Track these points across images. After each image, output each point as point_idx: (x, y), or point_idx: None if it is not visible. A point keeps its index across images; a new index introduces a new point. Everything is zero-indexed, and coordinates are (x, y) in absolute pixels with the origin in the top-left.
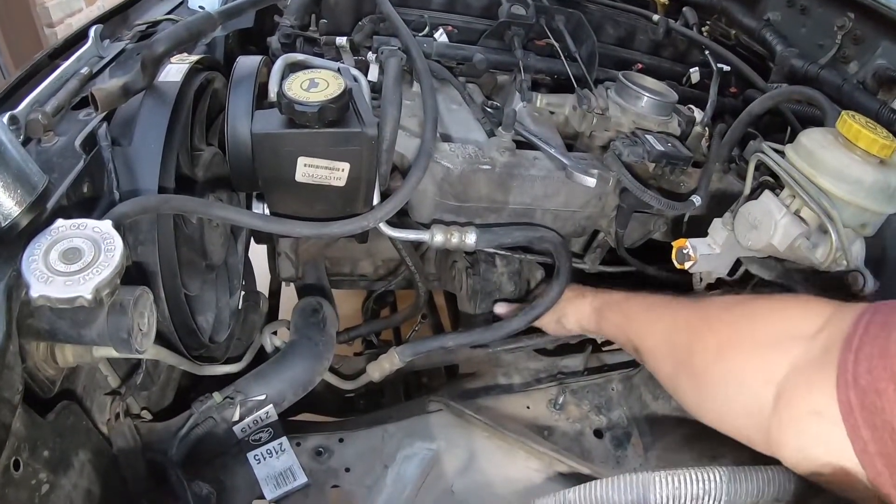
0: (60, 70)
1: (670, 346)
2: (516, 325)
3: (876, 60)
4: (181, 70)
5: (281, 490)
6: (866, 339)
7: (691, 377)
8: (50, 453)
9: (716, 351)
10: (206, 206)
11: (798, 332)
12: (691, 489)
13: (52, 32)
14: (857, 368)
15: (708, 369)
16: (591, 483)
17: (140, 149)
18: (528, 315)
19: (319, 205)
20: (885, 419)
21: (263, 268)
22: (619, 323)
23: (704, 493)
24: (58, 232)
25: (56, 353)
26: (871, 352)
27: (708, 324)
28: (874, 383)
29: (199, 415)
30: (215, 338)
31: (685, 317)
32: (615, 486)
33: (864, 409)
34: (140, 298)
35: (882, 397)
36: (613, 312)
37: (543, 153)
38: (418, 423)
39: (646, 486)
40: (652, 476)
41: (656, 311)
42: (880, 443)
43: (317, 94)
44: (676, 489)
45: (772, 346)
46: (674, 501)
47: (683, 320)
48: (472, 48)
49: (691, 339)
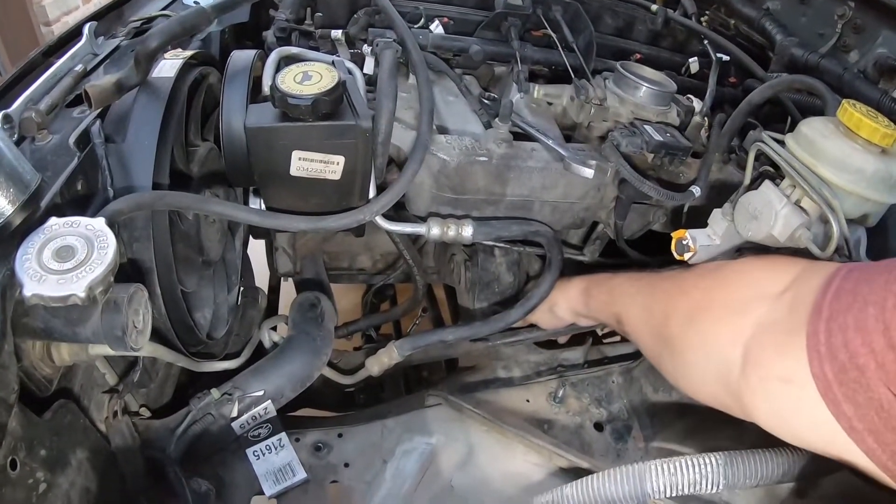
0: (54, 68)
1: (648, 315)
2: (513, 317)
3: (876, 49)
4: (175, 65)
5: (280, 486)
6: (838, 308)
7: (667, 344)
8: (47, 452)
9: (687, 315)
10: (202, 202)
11: (763, 292)
12: (688, 476)
13: (49, 30)
14: (832, 341)
15: (681, 335)
16: (588, 477)
17: (134, 145)
18: (524, 306)
19: (315, 199)
20: (869, 396)
21: (262, 263)
22: (606, 300)
23: (702, 477)
24: (51, 230)
25: (52, 351)
26: (845, 323)
27: (682, 289)
28: (853, 359)
29: (198, 411)
30: (213, 334)
31: (662, 286)
32: (612, 478)
33: (844, 384)
34: (134, 296)
35: (865, 373)
36: (600, 290)
37: (541, 144)
38: (417, 418)
39: (642, 476)
40: (648, 465)
41: (637, 283)
42: (866, 420)
43: (310, 87)
44: (673, 476)
45: (738, 307)
46: (671, 489)
47: (661, 289)
48: (469, 39)
49: (666, 306)
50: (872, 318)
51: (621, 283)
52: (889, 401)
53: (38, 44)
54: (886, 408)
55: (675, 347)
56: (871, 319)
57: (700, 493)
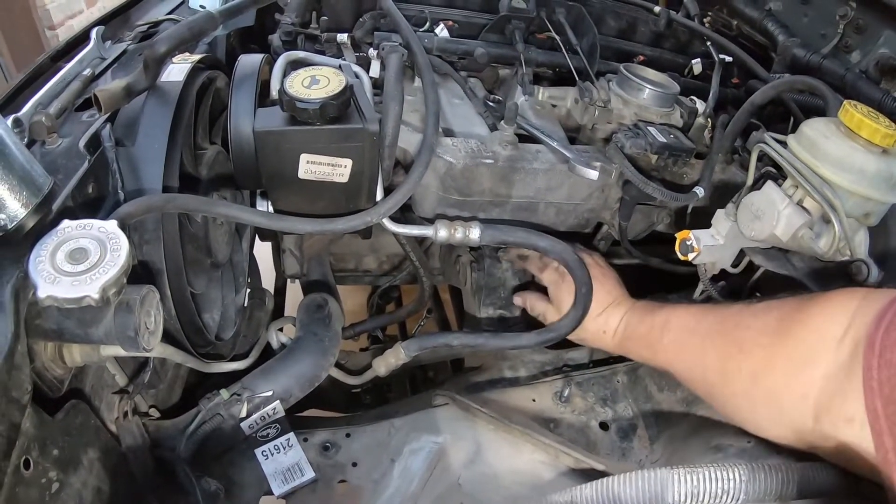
0: (63, 72)
1: (702, 373)
2: (524, 342)
3: (878, 49)
4: (183, 69)
5: (289, 485)
6: (888, 343)
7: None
8: (59, 452)
9: (751, 376)
10: (211, 205)
11: (826, 338)
12: (710, 487)
13: (54, 35)
14: (881, 375)
15: (745, 393)
16: (607, 479)
17: (144, 148)
18: (541, 336)
19: (323, 201)
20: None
21: (269, 265)
22: (646, 356)
23: (723, 492)
24: (64, 233)
25: (64, 352)
26: (891, 358)
27: (740, 346)
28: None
29: (207, 412)
30: (221, 335)
31: (714, 342)
32: (633, 482)
33: (889, 417)
34: (146, 297)
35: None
36: (638, 346)
37: (546, 146)
38: (424, 417)
39: (664, 483)
40: (670, 473)
41: (682, 336)
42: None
43: (318, 91)
44: (695, 487)
45: (804, 360)
46: (692, 499)
47: (712, 345)
48: (473, 42)
49: (725, 366)
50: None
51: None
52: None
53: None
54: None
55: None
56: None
57: None
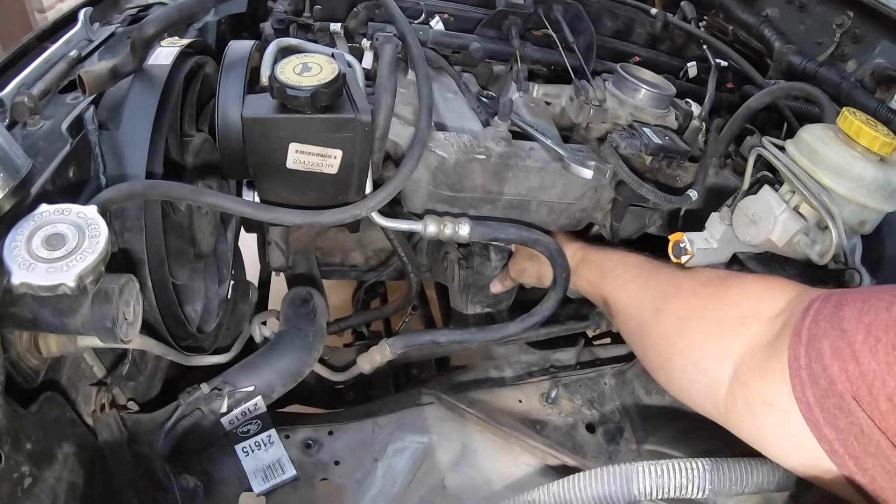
0: (48, 53)
1: (638, 306)
2: (511, 332)
3: (874, 59)
4: (171, 53)
5: (269, 483)
6: (815, 333)
7: (654, 342)
8: (33, 446)
9: (678, 318)
10: (196, 193)
11: (759, 312)
12: (675, 479)
13: (43, 17)
14: (812, 366)
15: (668, 336)
16: (575, 475)
17: (128, 133)
18: (524, 322)
19: (311, 193)
20: (850, 421)
21: (253, 257)
22: (593, 280)
23: (688, 482)
24: (41, 217)
25: (39, 342)
26: (822, 348)
27: (678, 290)
28: (833, 385)
29: (187, 406)
30: (203, 328)
31: (658, 280)
32: (599, 477)
33: (825, 409)
34: (125, 286)
35: (845, 399)
36: (589, 269)
37: (540, 144)
38: (409, 416)
39: (629, 476)
40: (635, 466)
41: (632, 271)
42: (847, 444)
43: (310, 79)
44: (660, 479)
45: (732, 323)
46: (658, 491)
47: (655, 283)
48: (469, 37)
49: (658, 303)
50: (847, 347)
51: (615, 265)
52: (868, 426)
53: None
54: (866, 433)
55: (661, 346)
56: (846, 348)
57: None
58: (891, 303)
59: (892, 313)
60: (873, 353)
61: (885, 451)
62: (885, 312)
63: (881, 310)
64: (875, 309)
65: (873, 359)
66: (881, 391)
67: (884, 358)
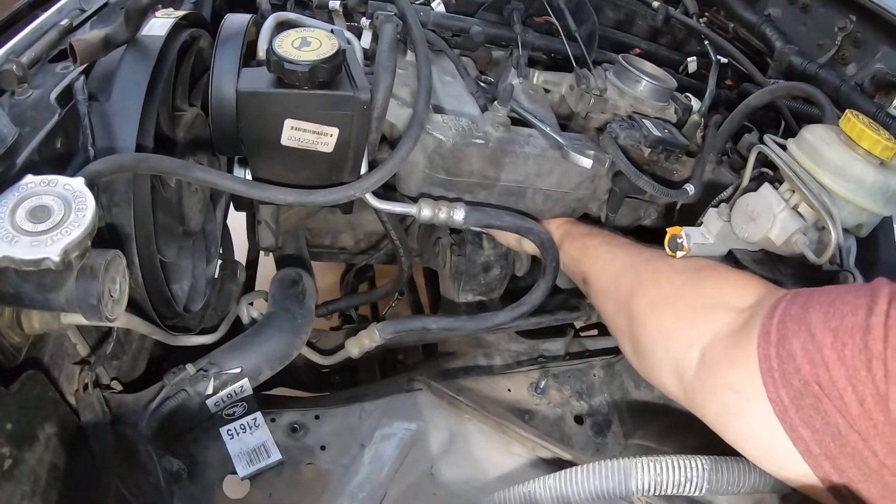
0: (39, 20)
1: (615, 286)
2: (501, 320)
3: (875, 64)
4: (166, 24)
5: (254, 467)
6: (785, 334)
7: (628, 322)
8: (13, 426)
9: (651, 303)
10: (186, 168)
11: (729, 304)
12: (673, 476)
13: None
14: (785, 367)
15: (641, 318)
16: (571, 469)
17: (119, 105)
18: (514, 311)
19: (305, 171)
20: (826, 421)
21: (241, 236)
22: (576, 256)
23: (686, 480)
24: (26, 188)
25: (21, 319)
26: (793, 350)
27: (655, 275)
28: (808, 386)
29: (172, 387)
30: (190, 307)
31: (637, 263)
32: (596, 472)
33: (800, 409)
34: (112, 263)
35: (821, 400)
36: (573, 245)
37: (538, 131)
38: (397, 402)
39: (627, 472)
40: (633, 462)
41: (613, 252)
42: (823, 445)
43: (308, 53)
44: (658, 476)
45: (702, 311)
46: (655, 488)
47: (633, 265)
48: (470, 20)
49: (634, 285)
50: (817, 353)
51: (597, 245)
52: (846, 427)
53: None
54: (843, 434)
55: (634, 328)
56: (816, 353)
57: (683, 494)
58: (855, 307)
59: (857, 318)
60: (841, 358)
61: (862, 452)
62: (850, 317)
63: (846, 314)
64: (840, 313)
65: (841, 364)
66: (853, 397)
67: (851, 363)
